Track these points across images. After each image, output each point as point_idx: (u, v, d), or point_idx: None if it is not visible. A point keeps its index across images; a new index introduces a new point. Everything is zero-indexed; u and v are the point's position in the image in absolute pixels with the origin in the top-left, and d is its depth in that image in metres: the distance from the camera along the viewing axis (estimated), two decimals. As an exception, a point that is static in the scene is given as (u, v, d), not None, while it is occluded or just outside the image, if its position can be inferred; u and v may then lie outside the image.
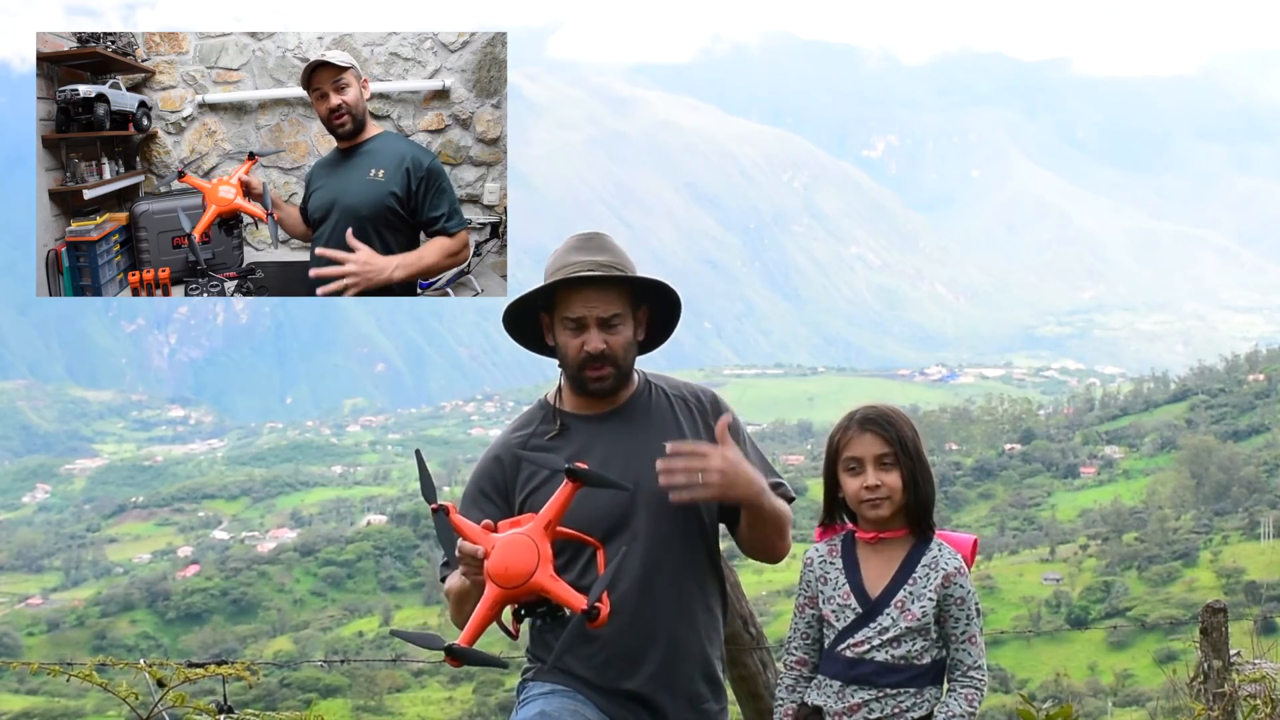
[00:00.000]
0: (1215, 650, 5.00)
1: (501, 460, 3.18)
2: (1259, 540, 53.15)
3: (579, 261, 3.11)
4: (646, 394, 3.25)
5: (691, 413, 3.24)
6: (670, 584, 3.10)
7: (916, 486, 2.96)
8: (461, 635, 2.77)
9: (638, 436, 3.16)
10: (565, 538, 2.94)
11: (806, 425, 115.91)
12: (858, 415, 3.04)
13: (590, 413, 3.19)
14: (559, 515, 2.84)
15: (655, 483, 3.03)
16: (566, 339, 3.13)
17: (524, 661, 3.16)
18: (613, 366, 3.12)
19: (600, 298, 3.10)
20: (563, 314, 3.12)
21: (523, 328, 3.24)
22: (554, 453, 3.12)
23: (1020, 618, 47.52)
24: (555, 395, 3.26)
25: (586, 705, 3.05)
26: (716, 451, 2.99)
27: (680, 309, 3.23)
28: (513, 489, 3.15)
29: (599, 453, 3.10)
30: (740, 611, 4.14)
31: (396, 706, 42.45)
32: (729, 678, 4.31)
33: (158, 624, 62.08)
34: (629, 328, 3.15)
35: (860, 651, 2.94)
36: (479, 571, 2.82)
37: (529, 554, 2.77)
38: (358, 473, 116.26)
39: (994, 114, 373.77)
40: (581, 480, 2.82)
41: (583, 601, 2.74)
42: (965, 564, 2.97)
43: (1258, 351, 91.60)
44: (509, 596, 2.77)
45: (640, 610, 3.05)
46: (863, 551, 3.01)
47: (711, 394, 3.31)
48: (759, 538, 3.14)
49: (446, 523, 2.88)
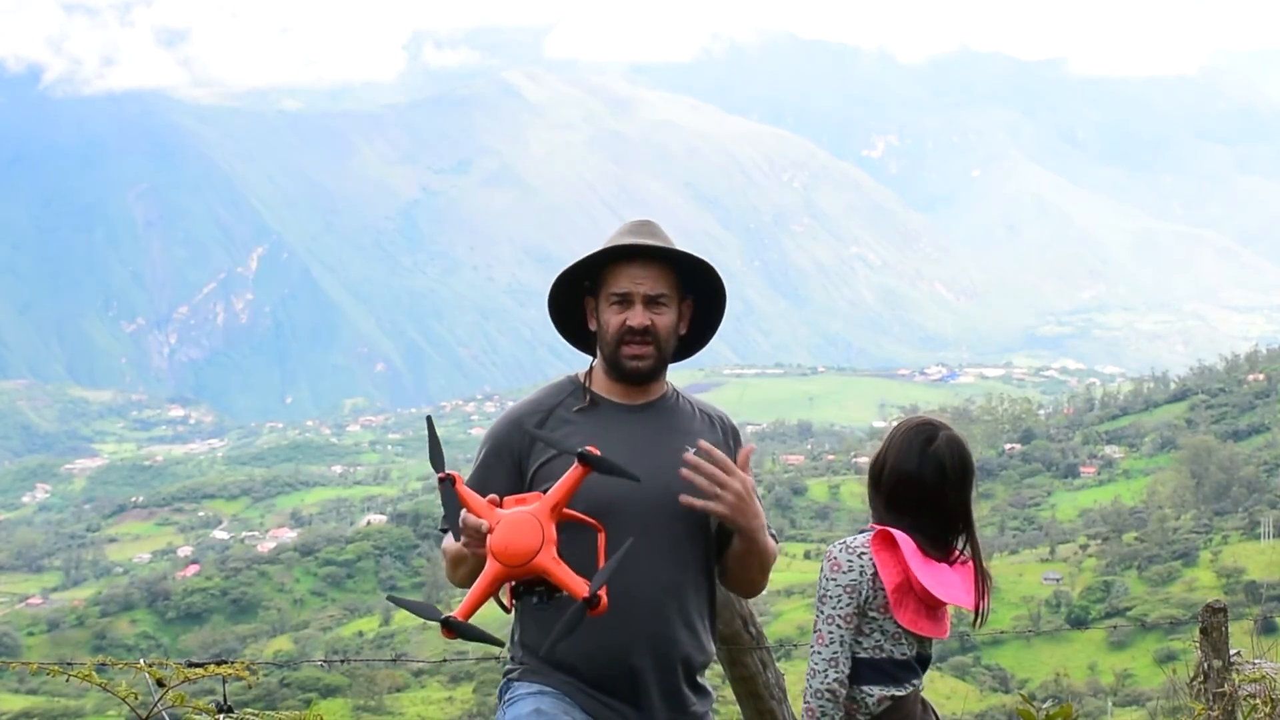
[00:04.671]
0: (1215, 650, 5.00)
1: (523, 429, 3.15)
2: (1259, 540, 53.14)
3: (630, 241, 3.11)
4: (675, 399, 3.23)
5: (715, 429, 3.22)
6: (667, 583, 3.09)
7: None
8: (458, 609, 2.74)
9: (660, 434, 3.14)
10: (570, 519, 2.91)
11: (806, 425, 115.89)
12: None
13: (621, 400, 3.18)
14: (566, 498, 2.83)
15: (666, 481, 3.04)
16: (609, 315, 3.10)
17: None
18: (654, 346, 3.11)
19: (647, 274, 3.10)
20: (609, 289, 3.11)
21: (566, 315, 3.23)
22: (579, 426, 3.11)
23: (1020, 617, 47.52)
24: (585, 375, 3.24)
25: (574, 708, 3.03)
26: (739, 474, 2.99)
27: (724, 305, 3.23)
28: (527, 458, 3.13)
29: (622, 436, 3.08)
30: (740, 611, 4.14)
31: (396, 706, 42.43)
32: (729, 678, 4.31)
33: (158, 624, 62.09)
34: (674, 312, 3.14)
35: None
36: (481, 545, 2.81)
37: (533, 534, 2.75)
38: (358, 472, 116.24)
39: (994, 114, 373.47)
40: (593, 466, 2.80)
41: (584, 588, 2.71)
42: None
43: (1258, 351, 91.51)
44: (509, 574, 2.76)
45: (635, 605, 3.03)
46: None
47: (734, 425, 3.30)
48: (744, 569, 3.14)
49: (453, 492, 2.87)
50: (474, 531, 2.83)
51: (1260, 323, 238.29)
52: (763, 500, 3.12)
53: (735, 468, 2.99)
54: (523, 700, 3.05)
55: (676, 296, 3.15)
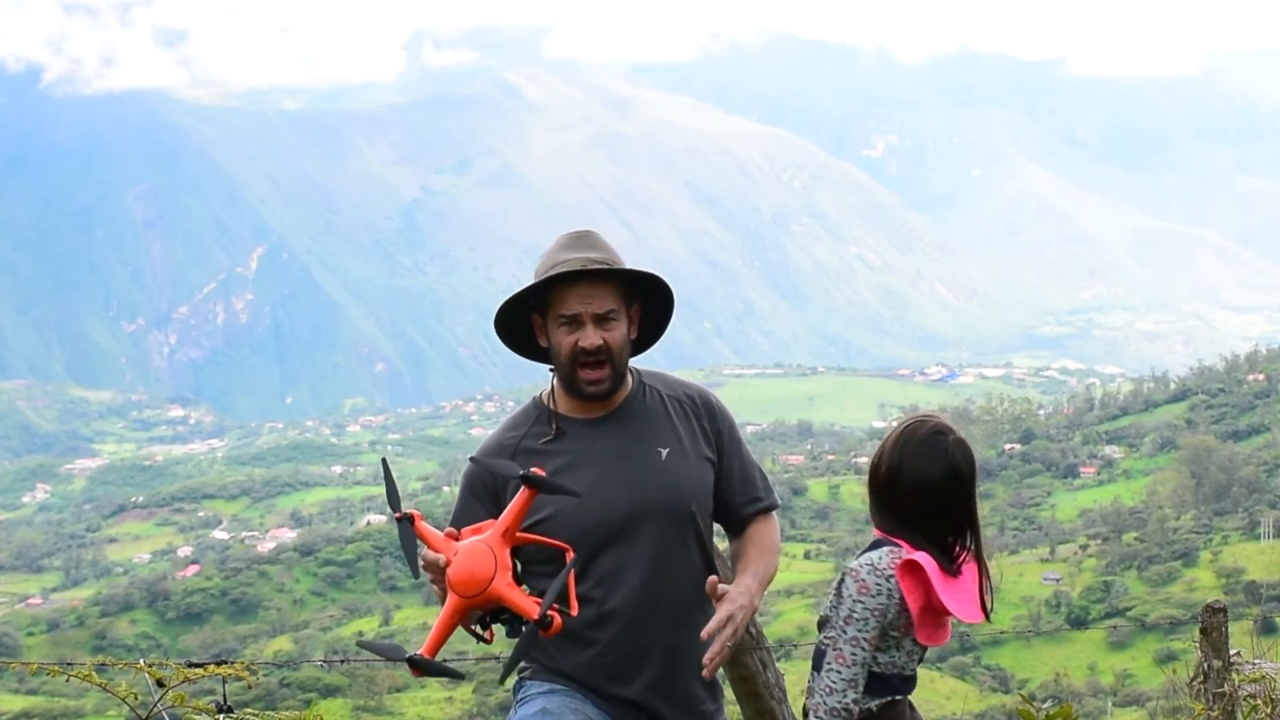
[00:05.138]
0: (1215, 650, 5.00)
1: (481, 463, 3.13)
2: (1259, 540, 53.12)
3: (572, 259, 3.06)
4: (641, 395, 3.20)
5: (686, 414, 3.21)
6: (669, 591, 3.09)
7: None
8: (424, 645, 2.74)
9: (630, 444, 3.12)
10: (529, 543, 2.92)
11: (806, 425, 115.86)
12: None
13: (585, 416, 3.15)
14: (517, 522, 2.81)
15: (652, 490, 3.05)
16: (561, 337, 3.07)
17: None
18: (609, 366, 3.07)
19: (594, 293, 3.05)
20: (557, 311, 3.07)
21: (515, 332, 3.19)
22: (550, 457, 3.08)
23: (1020, 618, 47.51)
24: (549, 396, 3.20)
25: (586, 704, 3.04)
26: (724, 612, 2.94)
27: (673, 304, 3.19)
28: (501, 490, 3.11)
29: (597, 459, 3.07)
30: (740, 611, 4.13)
31: (396, 706, 42.44)
32: (729, 678, 4.31)
33: (158, 624, 62.05)
34: (624, 325, 3.11)
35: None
36: (443, 579, 2.80)
37: (486, 562, 2.73)
38: (358, 473, 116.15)
39: (994, 114, 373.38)
40: (537, 487, 2.77)
41: (535, 610, 2.70)
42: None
43: (1258, 351, 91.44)
44: (469, 605, 2.75)
45: (640, 617, 3.04)
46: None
47: (705, 394, 3.27)
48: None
49: (410, 531, 2.84)
50: (433, 566, 2.81)
51: (1260, 323, 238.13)
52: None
53: (723, 614, 2.94)
54: (532, 700, 3.07)
55: (624, 307, 3.11)
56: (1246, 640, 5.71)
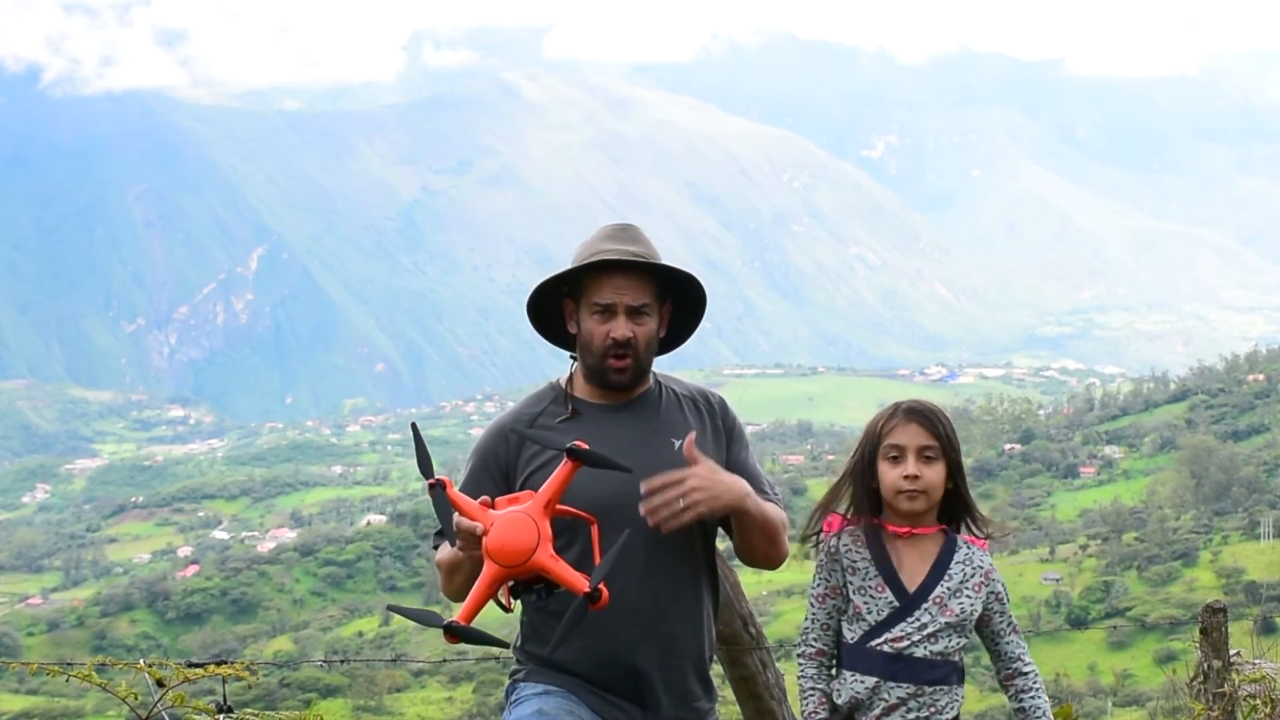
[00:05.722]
0: (1215, 650, 4.99)
1: (508, 438, 3.14)
2: (1259, 540, 53.11)
3: (613, 249, 3.10)
4: (658, 393, 3.22)
5: (701, 414, 3.22)
6: (669, 579, 3.08)
7: (957, 483, 2.96)
8: (459, 613, 2.71)
9: (647, 431, 3.14)
10: (563, 515, 2.88)
11: (806, 425, 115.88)
12: (904, 405, 2.97)
13: (603, 402, 3.17)
14: (558, 494, 2.79)
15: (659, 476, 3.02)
16: (592, 325, 3.09)
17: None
18: (634, 359, 3.09)
19: (630, 285, 3.09)
20: (591, 299, 3.09)
21: (543, 315, 3.22)
22: (564, 434, 3.05)
23: (1020, 618, 46.56)
24: (566, 380, 3.23)
25: (580, 706, 3.01)
26: (688, 471, 2.94)
27: (705, 307, 3.23)
28: (514, 468, 3.12)
29: (607, 440, 3.04)
30: (740, 611, 4.13)
31: (396, 706, 42.42)
32: (729, 678, 4.31)
33: (158, 624, 62.07)
34: (654, 320, 3.14)
35: (900, 647, 2.89)
36: (477, 548, 2.78)
37: (529, 532, 2.72)
38: (358, 473, 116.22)
39: (994, 114, 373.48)
40: (582, 460, 2.77)
41: (585, 583, 2.69)
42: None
43: (1258, 351, 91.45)
44: (508, 574, 2.73)
45: (639, 603, 3.02)
46: (892, 544, 2.95)
47: (720, 397, 3.29)
48: (750, 544, 3.11)
49: (444, 497, 2.82)
50: (468, 534, 2.79)
51: (1260, 323, 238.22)
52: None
53: (681, 472, 2.93)
54: (527, 701, 3.03)
55: (657, 304, 3.14)
56: (1246, 640, 5.71)
